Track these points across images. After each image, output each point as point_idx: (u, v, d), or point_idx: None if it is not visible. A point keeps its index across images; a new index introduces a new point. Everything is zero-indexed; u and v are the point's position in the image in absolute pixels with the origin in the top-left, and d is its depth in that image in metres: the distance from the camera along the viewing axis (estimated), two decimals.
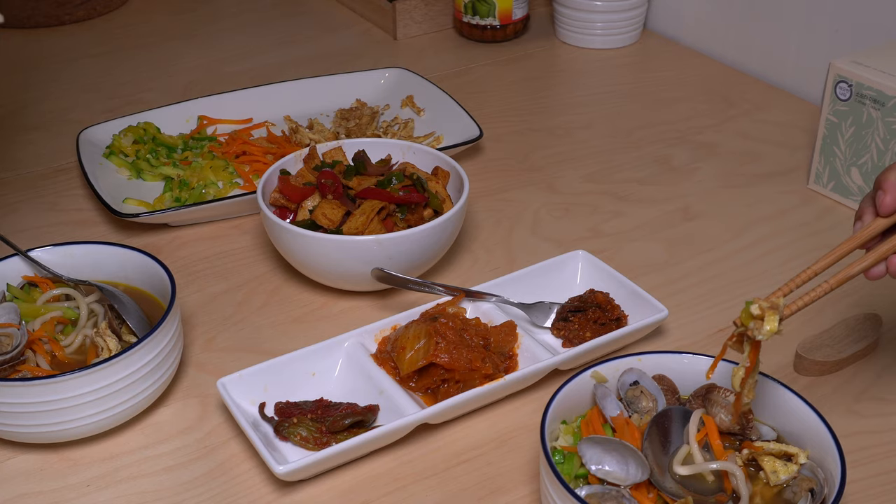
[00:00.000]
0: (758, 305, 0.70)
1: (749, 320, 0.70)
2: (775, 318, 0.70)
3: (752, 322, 0.70)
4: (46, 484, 0.81)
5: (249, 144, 1.24)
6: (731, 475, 0.70)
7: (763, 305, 0.70)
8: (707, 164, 1.25)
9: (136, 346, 0.81)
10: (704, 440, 0.73)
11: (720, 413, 0.75)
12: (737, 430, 0.74)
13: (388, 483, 0.81)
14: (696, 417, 0.73)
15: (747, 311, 0.70)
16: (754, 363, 0.71)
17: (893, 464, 0.82)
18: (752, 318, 0.70)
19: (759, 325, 0.70)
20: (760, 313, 0.70)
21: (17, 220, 1.13)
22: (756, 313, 0.70)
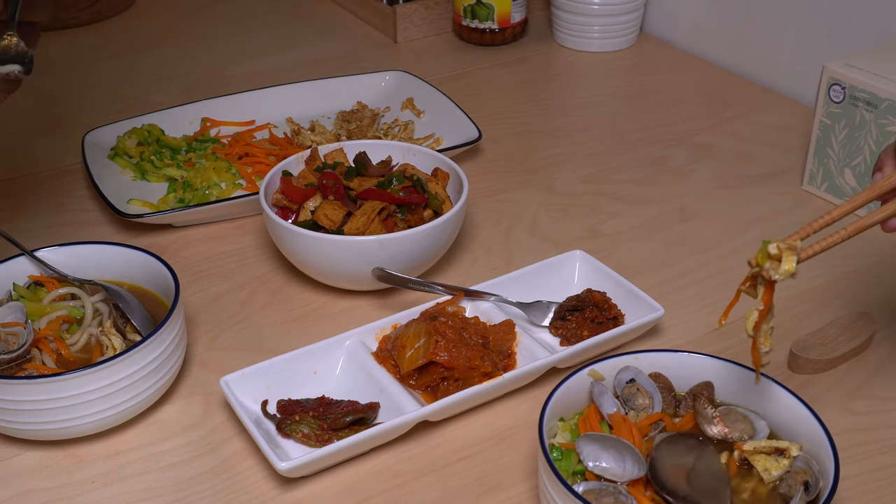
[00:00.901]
0: (776, 245, 0.68)
1: (766, 260, 0.69)
2: (793, 259, 0.68)
3: (768, 262, 0.69)
4: (52, 480, 0.81)
5: (252, 146, 1.24)
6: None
7: (781, 246, 0.68)
8: (703, 165, 1.25)
9: (140, 345, 0.81)
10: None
11: (706, 425, 0.75)
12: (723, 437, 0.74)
13: (388, 479, 0.81)
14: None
15: (764, 251, 0.69)
16: (768, 305, 0.70)
17: (886, 460, 0.82)
18: (768, 258, 0.69)
19: (776, 265, 0.68)
20: (778, 253, 0.68)
21: (23, 221, 1.13)
22: (773, 253, 0.69)
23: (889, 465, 0.81)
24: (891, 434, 0.84)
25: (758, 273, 0.70)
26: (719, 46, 1.53)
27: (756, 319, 0.71)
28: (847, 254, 1.06)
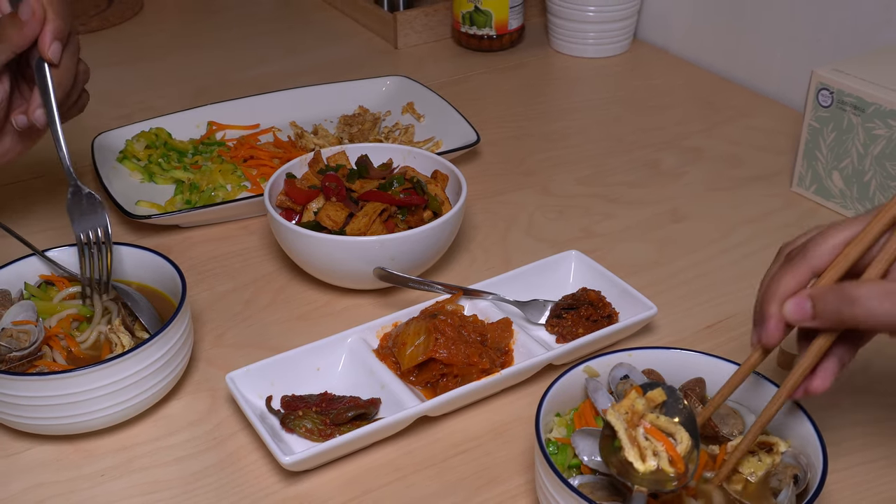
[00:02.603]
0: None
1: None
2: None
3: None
4: (63, 474, 0.81)
5: (257, 149, 1.24)
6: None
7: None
8: (695, 167, 1.25)
9: (148, 342, 0.81)
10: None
11: None
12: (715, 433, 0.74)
13: (389, 473, 0.81)
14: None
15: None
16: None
17: (873, 454, 0.82)
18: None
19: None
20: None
21: (34, 222, 1.13)
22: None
23: (876, 459, 0.81)
24: (877, 429, 0.84)
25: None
26: (711, 52, 1.53)
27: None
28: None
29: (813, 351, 0.68)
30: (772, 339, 0.68)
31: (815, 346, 0.67)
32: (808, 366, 0.68)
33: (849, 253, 0.66)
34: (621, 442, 0.66)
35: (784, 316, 0.66)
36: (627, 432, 0.67)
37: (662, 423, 0.68)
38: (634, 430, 0.67)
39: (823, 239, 0.67)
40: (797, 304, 0.66)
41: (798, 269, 0.67)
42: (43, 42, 0.89)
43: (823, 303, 0.65)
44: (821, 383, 0.68)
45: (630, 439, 0.66)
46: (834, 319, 0.65)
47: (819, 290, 0.66)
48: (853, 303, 0.64)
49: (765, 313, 0.68)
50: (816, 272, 0.67)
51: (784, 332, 0.67)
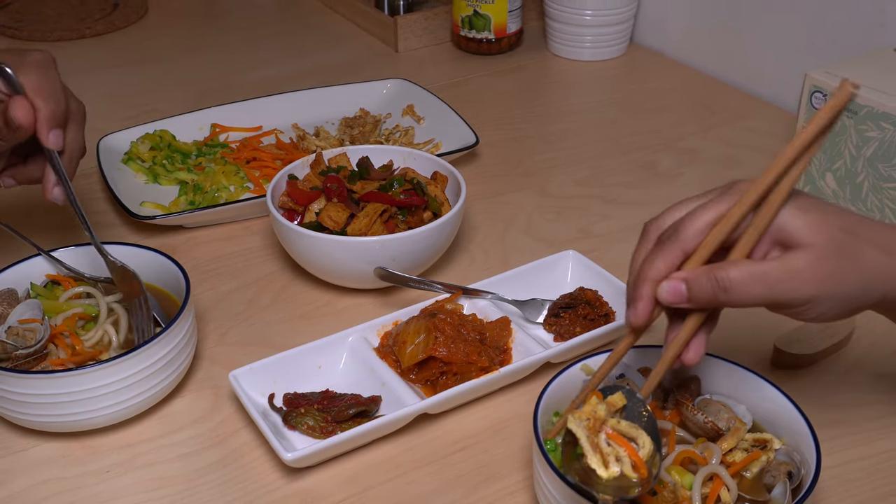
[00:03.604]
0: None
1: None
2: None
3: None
4: (68, 470, 0.81)
5: (259, 151, 1.24)
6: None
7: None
8: (690, 169, 1.25)
9: (152, 341, 0.81)
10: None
11: (691, 419, 0.74)
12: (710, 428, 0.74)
13: (389, 469, 0.81)
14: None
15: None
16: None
17: (866, 451, 0.82)
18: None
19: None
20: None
21: (40, 222, 1.13)
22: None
23: (868, 455, 0.81)
24: (870, 426, 0.84)
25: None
26: (706, 55, 1.53)
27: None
28: None
29: (687, 328, 0.69)
30: (641, 319, 0.69)
31: (689, 323, 0.69)
32: (683, 341, 0.69)
33: (717, 233, 0.67)
34: (583, 449, 0.65)
35: (660, 298, 0.68)
36: (589, 439, 0.66)
37: (624, 428, 0.67)
38: (596, 436, 0.66)
39: (693, 221, 0.68)
40: (672, 288, 0.67)
41: (670, 252, 0.68)
42: (42, 134, 0.85)
43: (698, 287, 0.66)
44: (695, 355, 0.70)
45: (592, 446, 0.65)
46: (708, 302, 0.67)
47: (693, 274, 0.67)
48: (727, 290, 0.65)
49: (636, 295, 0.69)
50: (687, 253, 0.68)
51: (654, 313, 0.69)
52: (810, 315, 0.68)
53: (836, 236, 0.66)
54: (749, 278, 0.65)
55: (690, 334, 0.69)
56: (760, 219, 0.66)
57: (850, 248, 0.66)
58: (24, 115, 0.83)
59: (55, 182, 0.89)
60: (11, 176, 0.92)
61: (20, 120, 0.83)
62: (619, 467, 0.65)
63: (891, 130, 1.02)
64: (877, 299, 0.69)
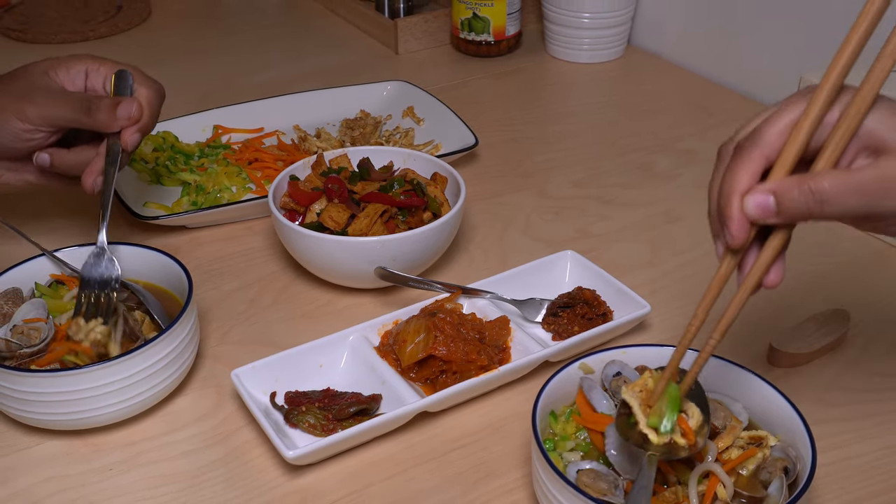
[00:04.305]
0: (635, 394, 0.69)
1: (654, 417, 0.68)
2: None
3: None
4: (72, 468, 0.81)
5: (261, 152, 1.24)
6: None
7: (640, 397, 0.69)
8: (687, 170, 1.25)
9: (156, 340, 0.81)
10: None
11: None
12: None
13: (390, 467, 0.81)
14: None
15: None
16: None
17: (860, 449, 0.82)
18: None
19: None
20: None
21: (45, 223, 1.12)
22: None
23: (863, 453, 0.81)
24: (865, 424, 0.84)
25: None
26: (703, 58, 1.53)
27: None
28: (822, 252, 1.06)
29: (772, 247, 0.63)
30: (738, 238, 0.62)
31: (776, 240, 0.63)
32: (766, 263, 0.63)
33: (797, 135, 0.61)
34: (636, 417, 0.68)
35: (745, 213, 0.61)
36: (642, 408, 0.68)
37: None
38: (648, 407, 0.68)
39: (770, 124, 0.62)
40: (759, 202, 0.61)
41: (752, 160, 0.62)
42: (127, 133, 0.92)
43: (789, 199, 0.60)
44: (776, 277, 0.64)
45: (645, 414, 0.68)
46: (800, 216, 0.61)
47: (781, 185, 0.60)
48: (823, 202, 0.60)
49: (728, 214, 0.62)
50: (770, 160, 0.62)
51: (749, 231, 0.62)
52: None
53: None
54: (844, 189, 0.59)
55: (776, 253, 0.63)
56: (846, 120, 0.60)
57: None
58: (130, 113, 0.91)
59: (100, 170, 0.92)
60: (50, 155, 0.94)
61: (126, 115, 0.91)
62: (669, 435, 0.67)
63: None
64: None
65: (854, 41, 0.60)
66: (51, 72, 0.94)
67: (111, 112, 0.91)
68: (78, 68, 0.95)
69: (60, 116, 0.91)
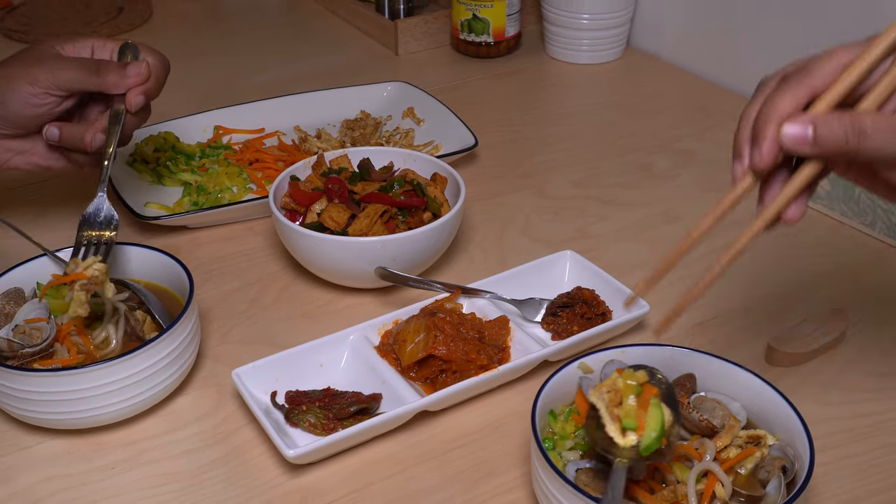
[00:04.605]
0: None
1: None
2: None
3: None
4: (74, 466, 0.81)
5: (262, 152, 1.24)
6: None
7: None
8: (686, 170, 1.25)
9: (157, 339, 0.81)
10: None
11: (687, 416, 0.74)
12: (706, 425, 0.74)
13: (390, 466, 0.81)
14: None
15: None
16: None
17: (858, 448, 0.82)
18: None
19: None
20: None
21: (46, 223, 1.12)
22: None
23: (861, 452, 0.81)
24: (862, 423, 0.84)
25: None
26: (701, 59, 1.53)
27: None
28: (821, 252, 1.06)
29: (802, 177, 0.62)
30: (766, 161, 0.62)
31: (806, 171, 0.62)
32: (792, 194, 0.63)
33: (849, 73, 0.61)
34: (603, 419, 0.66)
35: (780, 139, 0.61)
36: (609, 410, 0.66)
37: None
38: (617, 408, 0.66)
39: (827, 59, 0.61)
40: (798, 131, 0.60)
41: (798, 88, 0.61)
42: (132, 93, 0.95)
43: (828, 130, 0.59)
44: (797, 212, 0.64)
45: (612, 417, 0.66)
46: (835, 149, 0.60)
47: (822, 116, 0.60)
48: (863, 134, 0.59)
49: (762, 135, 0.62)
50: (816, 92, 0.61)
51: (777, 155, 0.62)
52: None
53: None
54: (886, 126, 0.59)
55: (801, 187, 0.62)
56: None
57: None
58: (140, 71, 0.94)
59: (101, 130, 0.95)
60: (59, 129, 0.97)
61: (135, 73, 0.94)
62: (636, 437, 0.65)
63: None
64: None
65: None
66: (58, 46, 0.97)
67: (120, 71, 0.94)
68: (84, 44, 0.98)
69: (70, 78, 0.93)
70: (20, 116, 0.95)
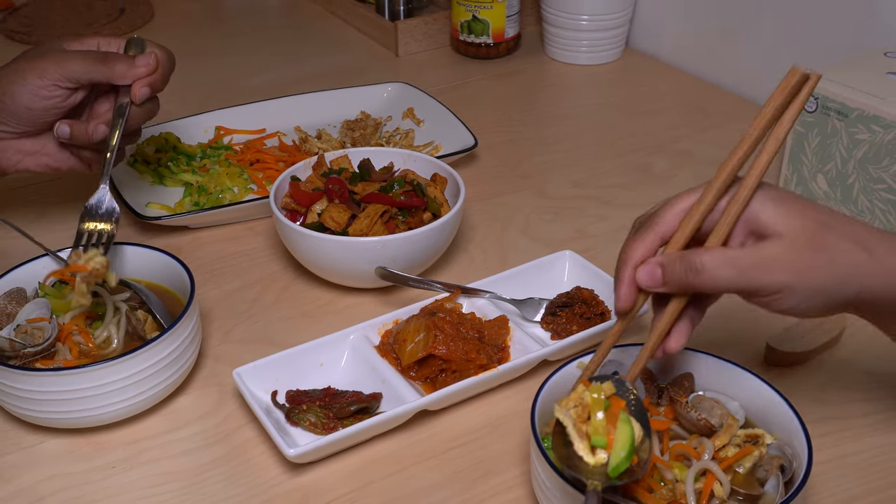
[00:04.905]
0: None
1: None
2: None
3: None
4: (75, 466, 0.81)
5: (263, 153, 1.24)
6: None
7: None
8: (684, 170, 1.25)
9: (158, 339, 0.81)
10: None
11: (685, 415, 0.74)
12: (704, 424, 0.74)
13: (390, 465, 0.81)
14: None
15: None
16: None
17: (856, 447, 0.82)
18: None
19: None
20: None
21: (48, 223, 1.13)
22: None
23: (859, 451, 0.81)
24: (860, 422, 0.84)
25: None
26: (699, 60, 1.53)
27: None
28: None
29: (668, 313, 0.69)
30: (624, 302, 0.69)
31: (669, 309, 0.69)
32: (663, 328, 0.70)
33: (691, 218, 0.68)
34: (570, 436, 0.63)
35: (638, 281, 0.68)
36: (576, 427, 0.64)
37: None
38: (585, 423, 0.64)
39: (669, 207, 0.69)
40: (648, 272, 0.68)
41: (647, 237, 0.69)
42: (138, 84, 0.95)
43: (671, 271, 0.67)
44: (675, 343, 0.70)
45: (580, 434, 0.63)
46: (682, 285, 0.67)
47: (667, 257, 0.68)
48: (698, 272, 0.66)
49: (618, 278, 0.70)
50: (665, 238, 0.69)
51: (636, 295, 0.69)
52: (784, 306, 0.67)
53: (810, 227, 0.66)
54: (721, 262, 0.66)
55: (671, 320, 0.70)
56: (732, 206, 0.67)
57: (824, 240, 0.66)
58: (148, 62, 0.95)
59: (104, 122, 0.96)
60: (69, 126, 0.97)
61: (144, 63, 0.94)
62: (605, 454, 0.63)
63: (881, 133, 1.02)
64: (852, 296, 0.67)
65: (754, 135, 0.69)
66: (64, 44, 0.97)
67: (128, 61, 0.95)
68: (90, 41, 0.99)
69: (77, 68, 0.94)
70: (29, 111, 0.95)
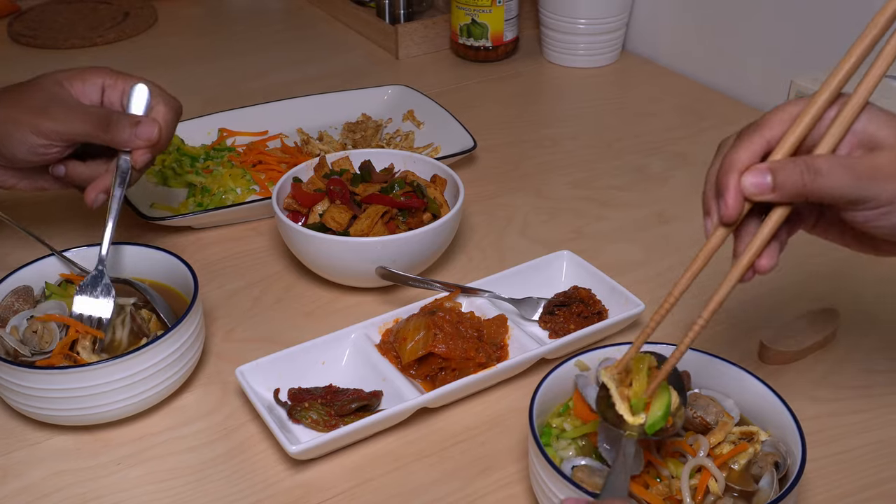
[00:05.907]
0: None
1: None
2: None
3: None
4: (81, 462, 0.81)
5: (265, 154, 1.24)
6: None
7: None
8: (680, 172, 1.25)
9: (162, 337, 0.81)
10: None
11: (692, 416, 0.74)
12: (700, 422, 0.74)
13: (390, 462, 0.81)
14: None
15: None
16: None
17: (849, 444, 0.82)
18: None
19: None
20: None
21: (54, 224, 1.12)
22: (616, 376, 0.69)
23: (852, 448, 0.81)
24: (853, 420, 0.84)
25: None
26: (695, 62, 1.53)
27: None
28: (813, 252, 1.06)
29: (770, 224, 0.64)
30: (732, 211, 0.64)
31: (774, 217, 0.64)
32: (762, 243, 0.65)
33: (800, 121, 0.64)
34: (613, 398, 0.68)
35: (742, 189, 0.63)
36: (619, 390, 0.68)
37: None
38: (627, 388, 0.68)
39: (776, 112, 0.65)
40: (757, 177, 0.63)
41: (753, 139, 0.64)
42: (139, 153, 0.90)
43: (785, 174, 0.62)
44: (768, 261, 0.66)
45: (622, 396, 0.68)
46: (794, 191, 0.62)
47: (778, 162, 0.63)
48: (818, 173, 0.62)
49: (724, 186, 0.64)
50: (771, 144, 0.64)
51: (742, 205, 0.64)
52: (890, 221, 0.64)
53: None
54: (838, 167, 0.62)
55: (773, 232, 0.64)
56: (846, 113, 0.63)
57: None
58: (151, 135, 0.89)
59: (103, 189, 0.91)
60: (65, 166, 0.93)
61: (146, 136, 0.89)
62: (644, 415, 0.67)
63: None
64: None
65: (856, 53, 0.65)
66: (66, 83, 0.91)
67: (131, 129, 0.88)
68: (94, 81, 0.92)
69: (77, 132, 0.89)
70: (24, 162, 0.91)
